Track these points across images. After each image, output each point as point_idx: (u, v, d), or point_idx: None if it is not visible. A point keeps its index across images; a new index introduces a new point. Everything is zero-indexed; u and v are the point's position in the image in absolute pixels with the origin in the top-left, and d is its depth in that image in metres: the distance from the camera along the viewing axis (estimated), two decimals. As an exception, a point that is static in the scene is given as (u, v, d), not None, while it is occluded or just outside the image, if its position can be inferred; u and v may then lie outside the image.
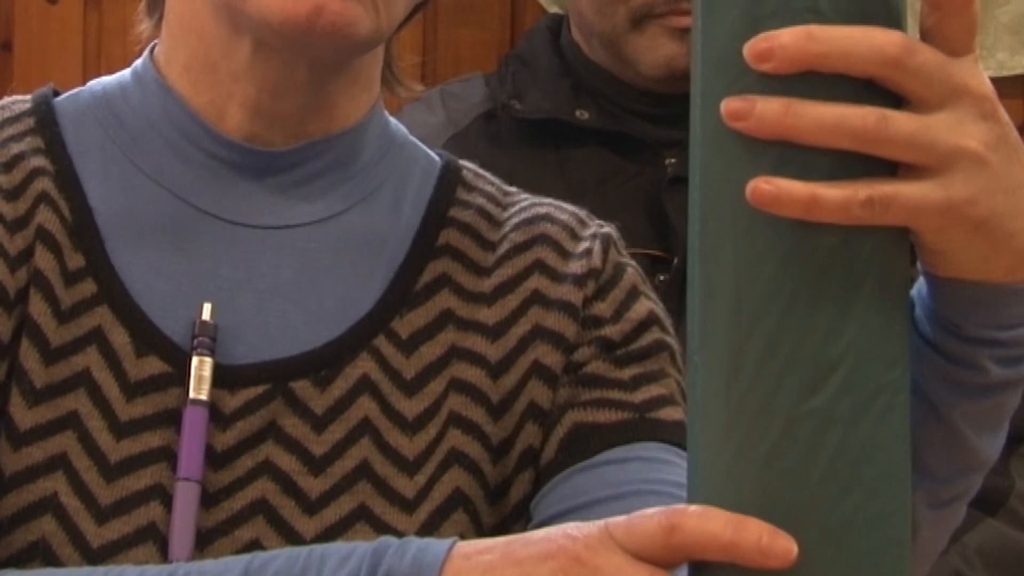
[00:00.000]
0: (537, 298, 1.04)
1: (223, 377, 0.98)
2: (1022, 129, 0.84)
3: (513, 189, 1.11)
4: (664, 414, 1.02)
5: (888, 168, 0.76)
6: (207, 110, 1.02)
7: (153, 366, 0.98)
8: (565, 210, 1.09)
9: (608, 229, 1.08)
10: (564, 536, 0.77)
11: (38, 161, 1.02)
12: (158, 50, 1.06)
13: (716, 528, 0.73)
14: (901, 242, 0.76)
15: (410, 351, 1.02)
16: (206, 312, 0.99)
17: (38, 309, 0.98)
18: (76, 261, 1.00)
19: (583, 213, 1.09)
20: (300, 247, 1.03)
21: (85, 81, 1.09)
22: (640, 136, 1.78)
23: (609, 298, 1.05)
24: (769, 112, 0.73)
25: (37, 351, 0.97)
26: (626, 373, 1.03)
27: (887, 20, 0.75)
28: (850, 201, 0.73)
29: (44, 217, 1.00)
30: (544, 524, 0.90)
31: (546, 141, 1.80)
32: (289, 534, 0.97)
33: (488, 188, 1.10)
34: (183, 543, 0.95)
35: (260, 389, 0.99)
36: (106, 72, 1.09)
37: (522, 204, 1.09)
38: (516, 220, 1.07)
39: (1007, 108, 0.80)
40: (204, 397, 0.97)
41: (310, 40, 0.96)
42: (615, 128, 1.79)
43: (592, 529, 0.77)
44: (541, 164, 1.77)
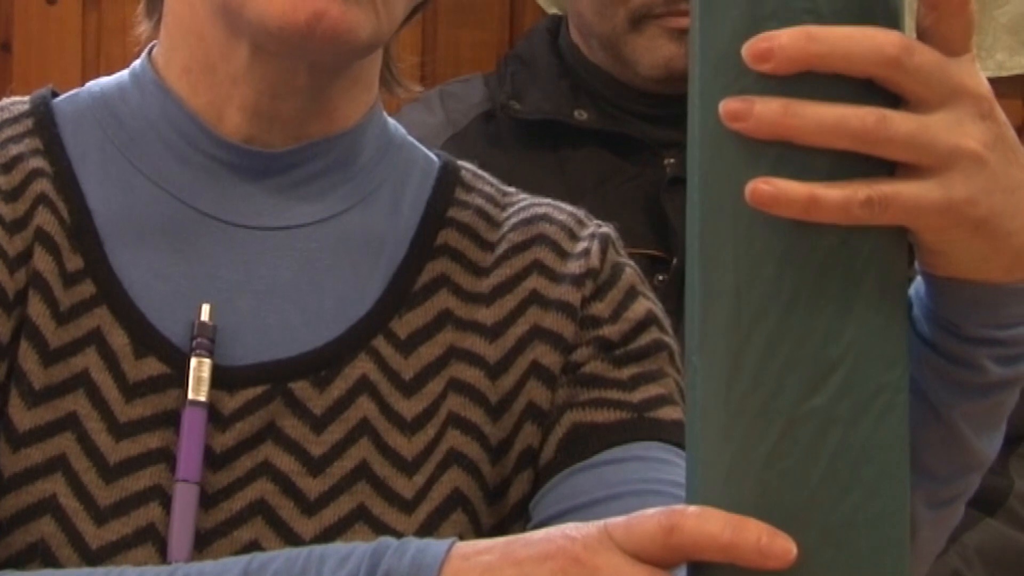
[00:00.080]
0: (535, 298, 1.04)
1: (222, 378, 0.98)
2: (1021, 129, 0.84)
3: (512, 189, 1.11)
4: (663, 414, 1.02)
5: (886, 168, 0.76)
6: (206, 111, 1.02)
7: (152, 367, 0.98)
8: (563, 210, 1.09)
9: (606, 229, 1.08)
10: (563, 537, 0.77)
11: (37, 162, 1.02)
12: (157, 51, 1.06)
13: (715, 529, 0.73)
14: (900, 242, 0.76)
15: (409, 351, 1.02)
16: (205, 313, 0.99)
17: (37, 310, 0.98)
18: (75, 262, 1.00)
19: (582, 213, 1.09)
20: (299, 248, 1.03)
21: (84, 82, 1.09)
22: (639, 137, 1.78)
23: (607, 298, 1.05)
24: (768, 112, 0.73)
25: (36, 352, 0.97)
26: (625, 373, 1.03)
27: (886, 20, 0.75)
28: (849, 201, 0.73)
29: (43, 218, 1.00)
30: (543, 524, 0.90)
31: (545, 142, 1.80)
32: (288, 535, 0.97)
33: (487, 188, 1.09)
34: (182, 544, 0.95)
35: (259, 390, 0.99)
36: (105, 73, 1.09)
37: (521, 204, 1.09)
38: (515, 220, 1.07)
39: (1006, 108, 0.80)
40: (203, 398, 0.97)
41: (309, 46, 0.96)
42: (614, 129, 1.79)
43: (591, 530, 0.77)
44: (540, 164, 1.77)
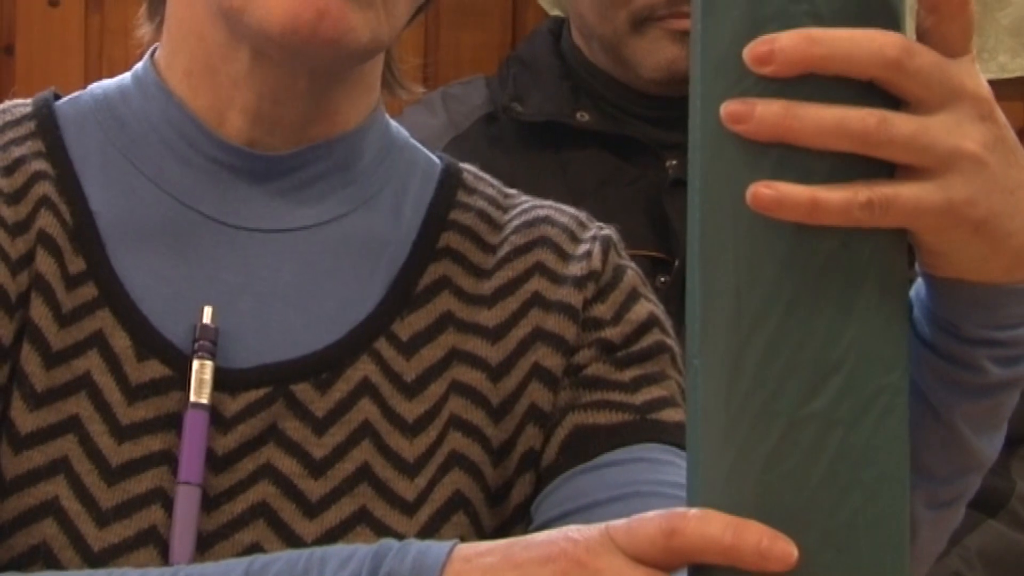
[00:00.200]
0: (537, 300, 1.04)
1: (224, 380, 0.98)
2: (1023, 132, 0.84)
3: (513, 191, 1.11)
4: (665, 415, 1.02)
5: (886, 170, 0.76)
6: (207, 114, 1.02)
7: (154, 370, 0.98)
8: (565, 212, 1.09)
9: (608, 231, 1.08)
10: (565, 539, 0.77)
11: (39, 165, 1.02)
12: (159, 54, 1.06)
13: (716, 531, 0.73)
14: (900, 244, 0.76)
15: (410, 354, 1.02)
16: (207, 316, 0.99)
17: (39, 313, 0.98)
18: (77, 265, 1.00)
19: (583, 215, 1.09)
20: (300, 250, 1.03)
21: (86, 84, 1.09)
22: (641, 138, 1.78)
23: (609, 300, 1.05)
24: (769, 115, 0.73)
25: (38, 355, 0.97)
26: (626, 375, 1.03)
27: (886, 22, 0.75)
28: (850, 203, 0.73)
29: (45, 221, 1.00)
30: (545, 526, 0.90)
31: (547, 143, 1.79)
32: (289, 537, 0.97)
33: (488, 191, 1.09)
34: (184, 546, 0.95)
35: (261, 392, 0.99)
36: (107, 75, 1.09)
37: (522, 206, 1.09)
38: (516, 223, 1.07)
39: (1008, 111, 0.80)
40: (205, 400, 0.97)
41: (310, 50, 0.96)
42: (616, 131, 1.79)
43: (593, 532, 0.77)
44: (542, 166, 1.77)
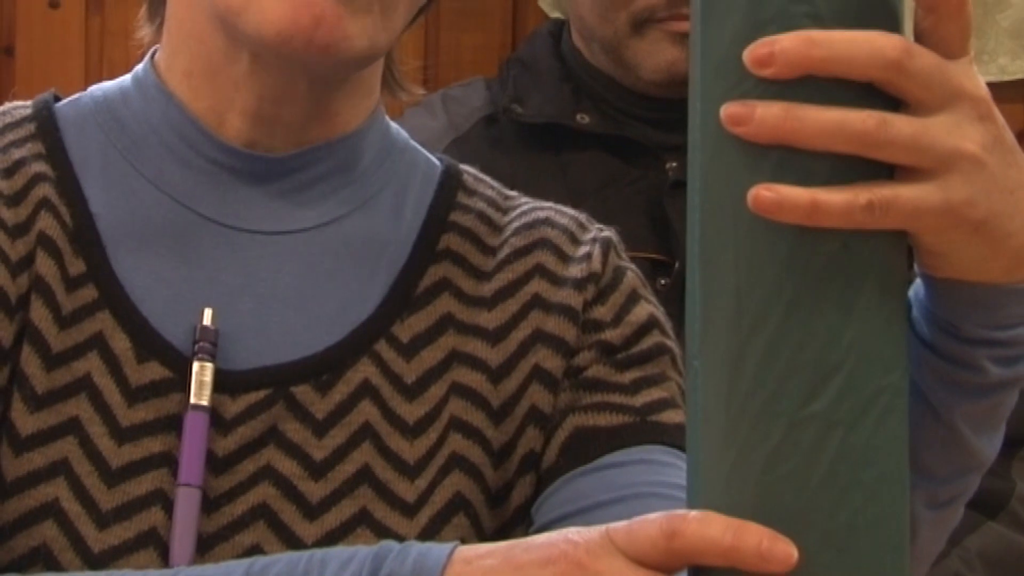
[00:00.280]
0: (537, 302, 1.04)
1: (224, 382, 0.98)
2: (1022, 134, 0.84)
3: (513, 193, 1.11)
4: (665, 417, 1.02)
5: (885, 171, 0.76)
6: (208, 116, 1.02)
7: (154, 371, 0.98)
8: (565, 214, 1.09)
9: (608, 233, 1.08)
10: (565, 541, 0.77)
11: (39, 167, 1.02)
12: (159, 55, 1.06)
13: (716, 533, 0.73)
14: (899, 245, 0.77)
15: (411, 355, 1.02)
16: (207, 317, 0.99)
17: (39, 315, 0.98)
18: (77, 267, 1.00)
19: (583, 217, 1.09)
20: (301, 252, 1.03)
21: (87, 86, 1.09)
22: (641, 140, 1.78)
23: (609, 302, 1.05)
24: (769, 116, 0.73)
25: (38, 357, 0.97)
26: (627, 377, 1.03)
27: (886, 24, 0.75)
28: (851, 205, 0.74)
29: (45, 223, 1.00)
30: (545, 528, 0.90)
31: (547, 145, 1.79)
32: (290, 539, 0.97)
33: (488, 192, 1.09)
34: (184, 548, 0.95)
35: (261, 394, 0.99)
36: (108, 76, 1.09)
37: (522, 208, 1.09)
38: (516, 224, 1.07)
39: (1008, 113, 0.80)
40: (205, 402, 0.97)
41: (306, 57, 0.96)
42: (616, 132, 1.79)
43: (593, 534, 0.77)
44: (542, 168, 1.77)
